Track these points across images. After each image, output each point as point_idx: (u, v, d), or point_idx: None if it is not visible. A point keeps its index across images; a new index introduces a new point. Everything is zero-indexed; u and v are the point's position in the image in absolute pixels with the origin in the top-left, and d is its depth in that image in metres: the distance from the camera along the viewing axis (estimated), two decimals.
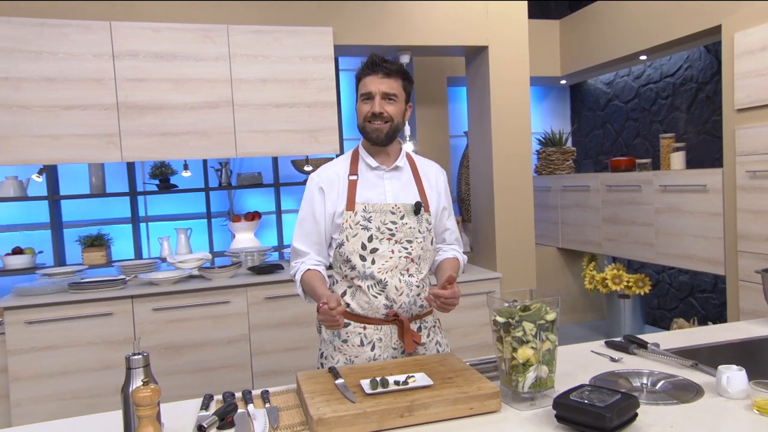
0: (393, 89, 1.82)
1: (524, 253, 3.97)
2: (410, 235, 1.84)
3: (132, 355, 1.29)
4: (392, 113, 1.83)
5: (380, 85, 1.81)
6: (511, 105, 3.88)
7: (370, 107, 1.81)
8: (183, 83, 3.32)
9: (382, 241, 1.81)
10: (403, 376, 1.52)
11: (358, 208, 1.82)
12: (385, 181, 1.88)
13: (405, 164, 1.92)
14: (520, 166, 3.93)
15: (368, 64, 1.83)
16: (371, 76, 1.82)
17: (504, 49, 3.86)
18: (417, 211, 1.85)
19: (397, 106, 1.84)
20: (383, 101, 1.81)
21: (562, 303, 4.96)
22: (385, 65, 1.81)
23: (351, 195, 1.83)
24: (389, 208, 1.83)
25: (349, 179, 1.86)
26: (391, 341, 1.84)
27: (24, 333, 3.10)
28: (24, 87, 3.12)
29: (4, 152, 3.12)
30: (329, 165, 1.93)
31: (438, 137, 4.86)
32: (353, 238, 1.81)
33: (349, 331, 1.85)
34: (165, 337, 3.29)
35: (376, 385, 1.47)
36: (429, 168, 1.98)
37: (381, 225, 1.82)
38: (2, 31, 3.08)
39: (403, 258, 1.82)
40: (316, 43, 3.51)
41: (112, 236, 4.42)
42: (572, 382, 1.60)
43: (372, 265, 1.81)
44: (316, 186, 1.87)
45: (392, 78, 1.82)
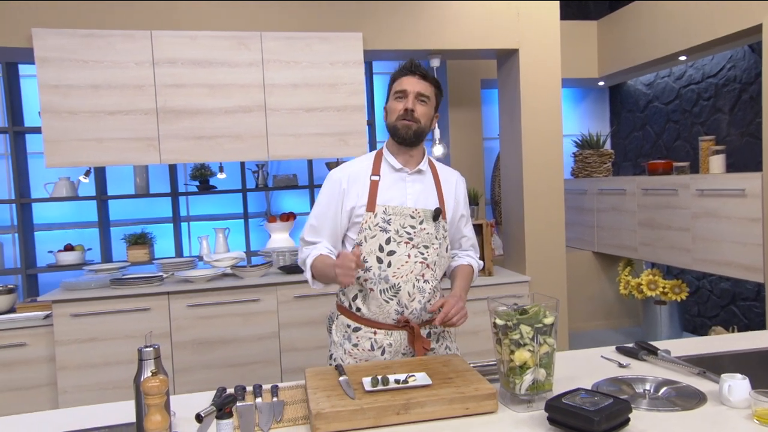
0: (427, 91, 1.88)
1: (554, 257, 3.94)
2: (427, 241, 1.87)
3: (144, 347, 1.38)
4: (422, 114, 1.87)
5: (416, 85, 1.86)
6: (541, 108, 3.87)
7: (404, 104, 1.86)
8: (218, 89, 3.46)
9: (400, 244, 1.84)
10: (403, 375, 1.57)
11: (378, 210, 1.85)
12: (407, 184, 1.90)
13: (427, 169, 1.95)
14: (551, 170, 3.91)
15: (406, 66, 1.89)
16: (408, 77, 1.87)
17: (535, 51, 3.85)
18: (436, 218, 1.88)
19: (428, 108, 1.89)
20: (416, 101, 1.86)
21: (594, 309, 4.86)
22: (420, 71, 1.88)
23: (372, 196, 1.86)
24: (409, 212, 1.86)
25: (371, 179, 1.88)
26: (400, 347, 1.87)
27: (70, 325, 3.30)
28: (72, 94, 3.32)
29: (54, 155, 3.32)
30: (352, 162, 1.96)
31: (471, 140, 4.87)
32: (371, 239, 1.84)
33: (360, 335, 1.88)
34: (198, 332, 3.43)
35: (376, 383, 1.53)
36: (449, 175, 2.01)
37: (400, 228, 1.85)
38: (54, 42, 3.28)
39: (418, 263, 1.85)
40: (346, 49, 3.59)
41: (155, 235, 4.63)
42: (575, 386, 1.62)
43: (388, 267, 1.83)
44: (338, 181, 1.89)
45: (427, 82, 1.88)
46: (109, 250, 4.56)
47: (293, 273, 3.63)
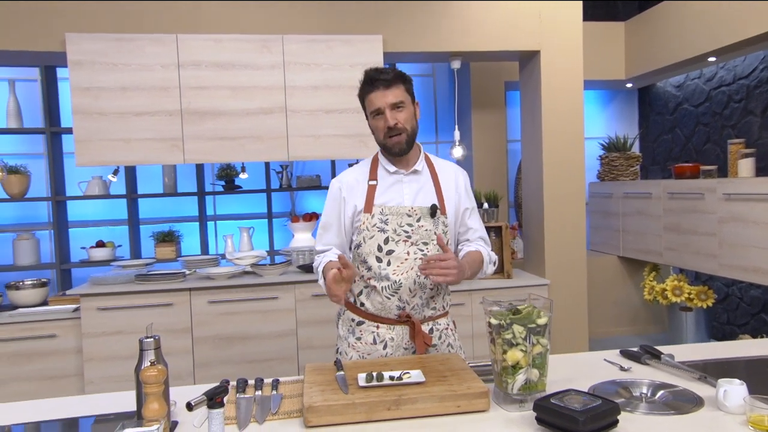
0: (398, 97, 1.85)
1: (574, 261, 3.90)
2: (426, 237, 1.89)
3: (145, 338, 1.45)
4: (404, 120, 1.87)
5: (385, 97, 1.84)
6: (563, 110, 3.84)
7: (384, 122, 1.85)
8: (240, 90, 3.54)
9: (399, 243, 1.88)
10: (398, 371, 1.60)
11: (375, 211, 1.89)
12: (403, 185, 1.94)
13: (424, 168, 1.97)
14: (573, 173, 3.88)
15: (366, 82, 1.87)
16: (374, 92, 1.85)
17: (556, 53, 3.83)
18: (433, 214, 1.90)
19: (407, 111, 1.88)
20: (393, 112, 1.85)
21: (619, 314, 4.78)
22: (382, 77, 1.85)
23: (370, 198, 1.91)
24: (405, 211, 1.89)
25: (369, 184, 1.93)
26: (402, 341, 1.91)
27: (96, 318, 3.42)
28: (102, 96, 3.45)
29: (84, 154, 3.46)
30: (350, 170, 2.01)
31: (495, 142, 4.86)
32: (370, 240, 1.88)
33: (363, 329, 1.94)
34: (219, 328, 3.51)
35: (370, 379, 1.56)
36: (448, 169, 2.01)
37: (397, 227, 1.88)
38: (86, 46, 3.42)
39: (418, 260, 1.87)
40: (366, 51, 3.63)
41: (183, 233, 4.76)
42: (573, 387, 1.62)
43: (387, 266, 1.87)
44: (338, 190, 1.96)
45: (394, 86, 1.85)
46: (138, 247, 4.70)
47: (311, 272, 3.68)
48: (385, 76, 1.85)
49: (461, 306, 3.74)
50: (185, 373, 3.49)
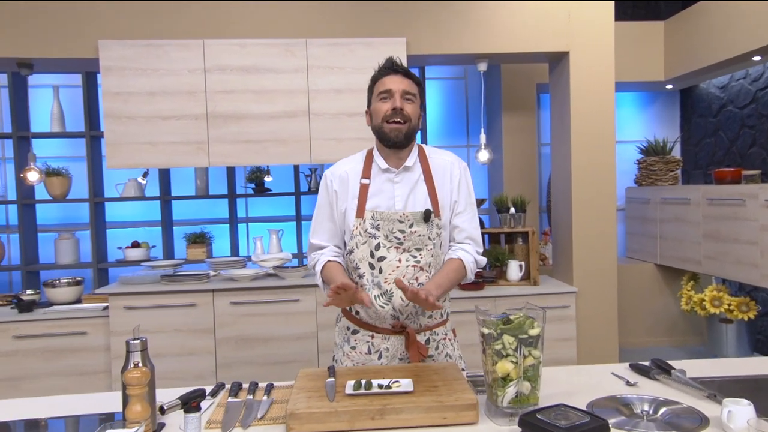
0: (412, 89, 1.84)
1: (604, 268, 3.77)
2: (419, 243, 1.82)
3: (131, 339, 1.46)
4: (411, 113, 1.82)
5: (400, 83, 1.82)
6: (593, 113, 3.72)
7: (391, 104, 1.80)
8: (264, 94, 3.58)
9: (390, 249, 1.81)
10: (387, 380, 1.57)
11: (366, 216, 1.82)
12: (395, 186, 1.85)
13: (416, 164, 1.88)
14: (603, 178, 3.75)
15: (387, 65, 1.88)
16: (391, 76, 1.84)
17: (586, 54, 3.71)
18: (427, 219, 1.82)
19: (415, 107, 1.84)
20: (403, 99, 1.81)
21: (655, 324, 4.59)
22: (402, 69, 1.86)
23: (361, 201, 1.84)
24: (397, 217, 1.81)
25: (361, 182, 1.86)
26: (397, 352, 1.85)
27: (123, 317, 3.51)
28: (131, 100, 3.54)
29: (114, 157, 3.56)
30: (343, 162, 1.94)
31: (525, 145, 4.76)
32: (362, 246, 1.82)
33: (358, 338, 1.89)
34: (240, 329, 3.55)
35: (359, 387, 1.53)
36: (440, 162, 1.90)
37: (389, 233, 1.81)
38: (117, 52, 3.52)
39: (411, 267, 1.81)
40: (389, 54, 3.57)
41: (214, 235, 4.84)
42: (571, 402, 1.55)
43: (379, 274, 1.81)
44: (329, 183, 1.89)
45: (409, 79, 1.85)
46: (171, 248, 4.81)
47: None
48: (405, 69, 1.87)
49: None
50: (207, 373, 3.55)
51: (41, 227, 4.76)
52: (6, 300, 3.93)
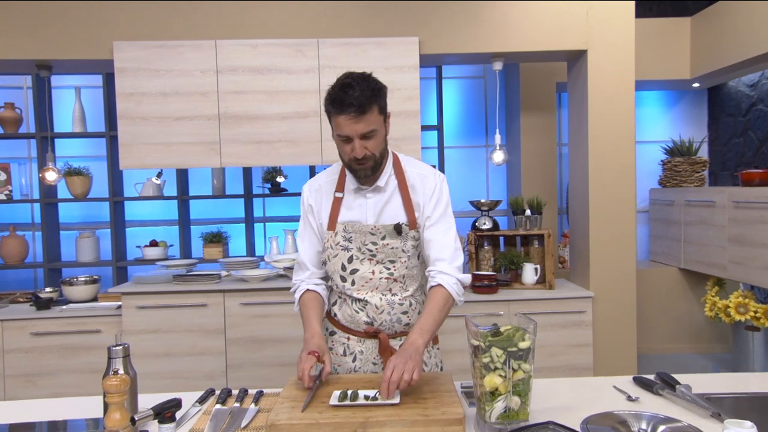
0: (370, 125, 1.65)
1: (623, 273, 3.66)
2: (393, 255, 1.80)
3: (113, 346, 1.45)
4: (374, 148, 1.69)
5: (355, 126, 1.63)
6: (611, 113, 3.61)
7: (351, 150, 1.67)
8: (275, 95, 3.56)
9: (363, 261, 1.80)
10: (373, 391, 1.53)
11: (338, 228, 1.81)
12: (367, 200, 1.81)
13: (389, 181, 1.81)
14: (621, 179, 3.64)
15: (334, 102, 1.64)
16: (342, 117, 1.63)
17: (605, 53, 3.60)
18: (399, 233, 1.78)
19: (378, 137, 1.69)
20: (363, 141, 1.66)
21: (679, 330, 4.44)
22: (354, 101, 1.60)
23: (333, 214, 1.82)
24: (368, 229, 1.79)
25: (335, 196, 1.83)
26: (371, 355, 1.84)
27: (136, 316, 3.54)
28: (144, 101, 3.56)
29: (127, 157, 3.59)
30: (318, 176, 1.91)
31: (544, 145, 4.65)
32: (334, 258, 1.82)
33: (335, 340, 1.89)
34: (251, 330, 3.55)
35: (344, 398, 1.49)
36: (416, 175, 1.83)
37: (362, 245, 1.79)
38: (130, 53, 3.55)
39: (384, 279, 1.80)
40: (402, 54, 3.56)
41: (231, 234, 4.86)
42: (566, 418, 1.49)
43: (351, 285, 1.81)
44: (306, 197, 1.88)
45: (367, 112, 1.63)
46: (188, 247, 4.85)
47: None
48: (359, 98, 1.60)
49: (497, 317, 3.59)
50: (218, 373, 3.56)
51: (64, 225, 4.85)
52: (26, 297, 4.01)
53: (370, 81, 1.67)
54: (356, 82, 1.64)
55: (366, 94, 1.63)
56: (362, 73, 1.70)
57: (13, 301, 3.99)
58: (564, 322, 3.62)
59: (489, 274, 3.69)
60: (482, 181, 5.14)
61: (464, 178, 5.07)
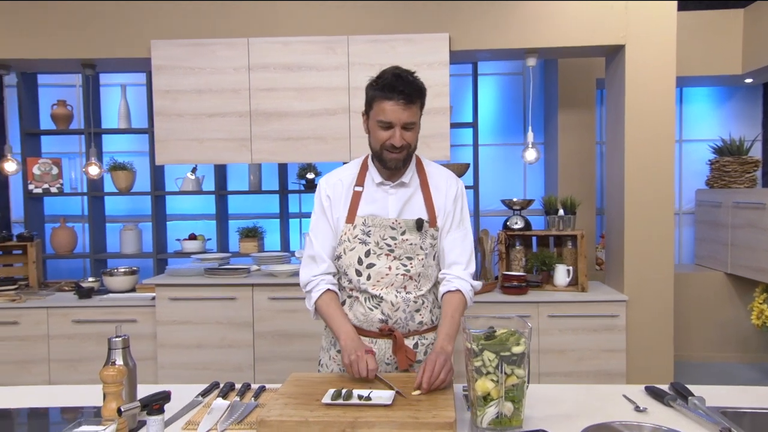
0: (413, 117, 1.72)
1: (660, 277, 3.52)
2: (411, 252, 1.78)
3: (114, 337, 1.49)
4: (411, 140, 1.75)
5: (401, 114, 1.69)
6: (650, 110, 3.47)
7: (389, 137, 1.72)
8: (305, 92, 3.59)
9: (380, 256, 1.78)
10: (366, 391, 1.51)
11: (357, 221, 1.79)
12: (389, 196, 1.82)
13: (413, 178, 1.84)
14: (660, 180, 3.49)
15: (385, 87, 1.70)
16: (390, 103, 1.69)
17: (644, 48, 3.46)
18: (419, 228, 1.78)
19: (416, 130, 1.77)
20: (403, 131, 1.71)
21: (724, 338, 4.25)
22: (405, 90, 1.69)
23: (353, 207, 1.81)
24: (389, 223, 1.78)
25: (354, 189, 1.83)
26: (384, 356, 1.81)
27: (169, 307, 3.65)
28: (180, 98, 3.66)
29: (163, 153, 3.70)
30: (337, 171, 1.91)
31: (583, 143, 4.52)
32: (351, 252, 1.80)
33: None
34: (278, 324, 3.60)
35: (337, 397, 1.49)
36: (440, 177, 1.87)
37: (380, 240, 1.78)
38: (167, 51, 3.65)
39: (400, 275, 1.78)
40: (431, 50, 3.53)
41: (267, 229, 4.94)
42: (563, 427, 1.45)
43: (367, 280, 1.79)
44: (324, 192, 1.86)
45: (413, 104, 1.71)
46: (225, 241, 4.95)
47: None
48: (409, 88, 1.69)
49: (526, 319, 3.51)
50: (246, 366, 3.62)
51: (109, 218, 5.03)
52: (70, 286, 4.19)
53: (417, 78, 1.75)
54: (406, 74, 1.73)
55: (414, 87, 1.71)
56: (409, 69, 1.76)
57: (59, 290, 4.18)
58: (596, 326, 3.51)
59: (518, 275, 3.62)
60: (519, 180, 5.04)
61: (501, 176, 4.98)
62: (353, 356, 1.64)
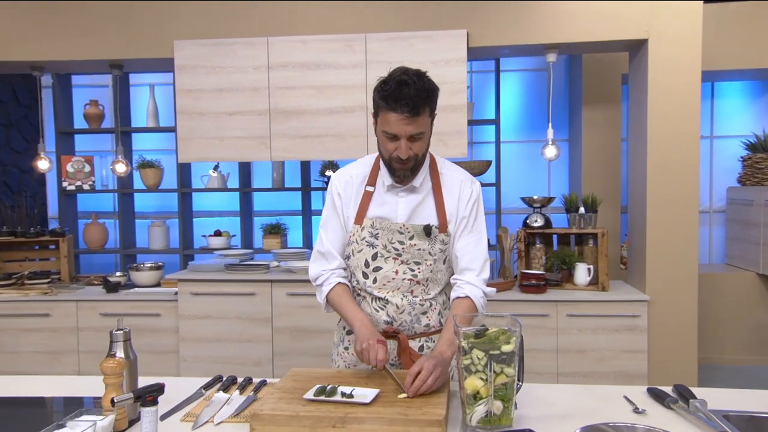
0: (420, 128, 1.63)
1: (683, 277, 3.43)
2: (419, 257, 1.76)
3: (115, 330, 1.54)
4: (419, 150, 1.67)
5: (406, 127, 1.61)
6: (673, 107, 3.38)
7: (395, 148, 1.65)
8: (323, 90, 3.62)
9: (388, 260, 1.76)
10: (349, 388, 1.52)
11: (366, 223, 1.77)
12: (399, 199, 1.78)
13: (424, 182, 1.78)
14: (683, 177, 3.40)
15: (390, 97, 1.59)
16: (395, 116, 1.60)
17: (668, 42, 3.37)
18: (428, 234, 1.75)
19: (425, 139, 1.68)
20: (410, 142, 1.63)
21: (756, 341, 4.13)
22: (410, 102, 1.58)
23: (362, 208, 1.79)
24: (397, 228, 1.75)
25: (366, 189, 1.80)
26: (390, 357, 1.78)
27: (190, 302, 3.73)
28: (202, 97, 3.73)
29: (185, 151, 3.78)
30: (348, 167, 1.88)
31: (608, 140, 4.43)
32: (358, 254, 1.78)
33: (352, 339, 1.85)
34: (297, 320, 3.64)
35: (320, 393, 1.50)
36: (453, 181, 1.80)
37: (388, 243, 1.75)
38: (189, 51, 3.72)
39: (407, 280, 1.76)
40: (449, 47, 3.51)
41: (290, 226, 4.99)
42: (557, 427, 1.44)
43: (373, 283, 1.77)
44: (335, 188, 1.84)
45: (419, 115, 1.61)
46: (249, 237, 5.03)
47: None
48: (414, 99, 1.58)
49: (544, 317, 3.48)
50: (264, 360, 3.68)
51: (139, 214, 5.16)
52: (99, 280, 4.32)
53: (426, 81, 1.64)
54: (412, 80, 1.60)
55: (421, 96, 1.60)
56: (418, 70, 1.65)
57: (89, 284, 4.31)
58: (617, 326, 3.45)
59: (537, 273, 3.57)
60: (544, 178, 4.98)
61: (525, 173, 4.93)
62: (365, 344, 1.63)
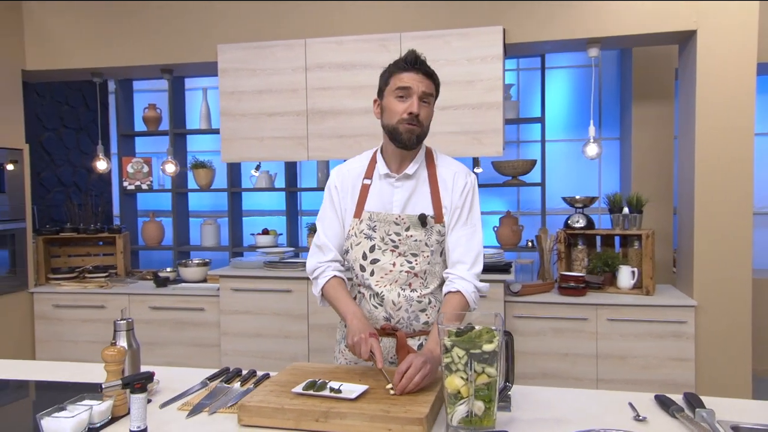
0: (431, 90, 1.75)
1: (735, 281, 3.22)
2: (416, 248, 1.76)
3: (119, 320, 1.61)
4: (425, 117, 1.74)
5: (420, 84, 1.72)
6: (725, 101, 3.19)
7: (408, 107, 1.71)
8: (359, 90, 3.64)
9: (385, 252, 1.77)
10: (338, 383, 1.52)
11: (364, 216, 1.79)
12: (394, 189, 1.80)
13: (419, 169, 1.80)
14: (736, 176, 3.20)
15: (409, 60, 1.74)
16: (410, 73, 1.72)
17: (719, 33, 3.18)
18: (423, 224, 1.75)
19: (430, 110, 1.76)
20: (420, 102, 1.72)
21: None
22: (424, 66, 1.74)
23: (361, 201, 1.81)
24: (393, 219, 1.76)
25: (363, 182, 1.83)
26: (388, 355, 1.80)
27: (231, 298, 3.84)
28: (243, 99, 3.84)
29: (228, 151, 3.90)
30: (349, 161, 1.92)
31: (660, 137, 4.22)
32: (357, 247, 1.80)
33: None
34: (330, 317, 3.65)
35: (310, 387, 1.51)
36: (448, 171, 1.81)
37: (385, 235, 1.76)
38: (232, 54, 3.84)
39: (404, 272, 1.76)
40: (485, 44, 3.45)
41: None
42: (546, 430, 1.39)
43: (371, 276, 1.78)
44: (332, 182, 1.88)
45: (430, 80, 1.75)
46: (295, 236, 5.13)
47: None
48: (426, 66, 1.75)
49: (584, 321, 3.36)
50: (301, 356, 3.74)
51: (193, 213, 5.37)
52: (150, 275, 4.53)
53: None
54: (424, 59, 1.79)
55: (431, 71, 1.78)
56: None
57: (142, 278, 4.53)
58: (661, 332, 3.29)
59: (576, 275, 3.46)
60: (594, 177, 4.80)
61: (574, 173, 4.77)
62: (356, 338, 1.64)
